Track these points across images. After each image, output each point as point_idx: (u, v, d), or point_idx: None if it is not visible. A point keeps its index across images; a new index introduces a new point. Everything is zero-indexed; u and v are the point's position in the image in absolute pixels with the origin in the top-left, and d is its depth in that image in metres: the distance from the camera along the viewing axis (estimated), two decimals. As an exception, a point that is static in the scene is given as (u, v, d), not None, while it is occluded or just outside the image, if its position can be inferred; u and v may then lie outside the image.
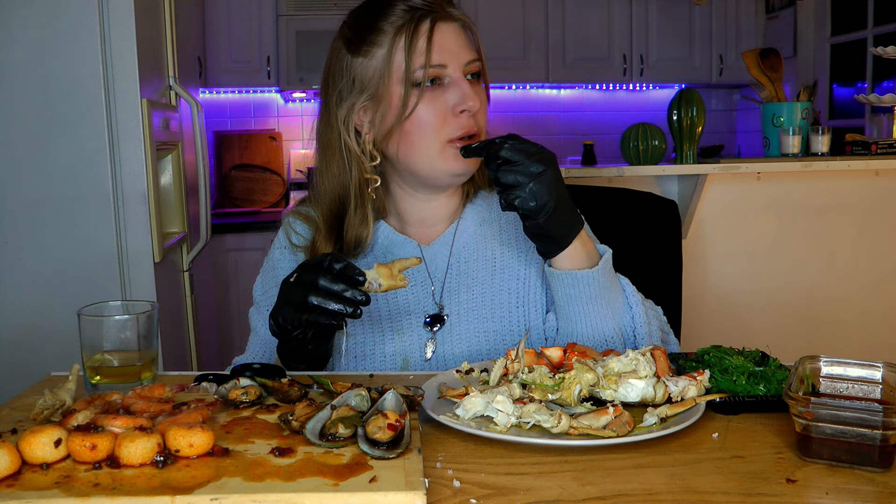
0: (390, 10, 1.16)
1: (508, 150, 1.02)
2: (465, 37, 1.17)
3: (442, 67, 1.14)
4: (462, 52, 1.15)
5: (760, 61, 3.02)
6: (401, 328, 1.21)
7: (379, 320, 1.22)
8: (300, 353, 1.08)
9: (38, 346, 1.97)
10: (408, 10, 1.15)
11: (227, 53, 4.13)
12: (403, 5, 1.15)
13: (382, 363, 1.20)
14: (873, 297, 2.99)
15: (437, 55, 1.13)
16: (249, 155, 4.37)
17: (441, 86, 1.14)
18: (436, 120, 1.14)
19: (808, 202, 2.94)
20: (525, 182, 1.01)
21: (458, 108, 1.14)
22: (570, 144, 4.77)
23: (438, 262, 1.25)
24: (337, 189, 1.22)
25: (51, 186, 1.98)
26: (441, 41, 1.14)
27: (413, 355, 1.20)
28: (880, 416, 0.74)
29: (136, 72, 2.01)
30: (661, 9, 4.57)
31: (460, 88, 1.14)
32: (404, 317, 1.21)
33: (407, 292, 1.22)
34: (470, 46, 1.17)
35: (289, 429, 0.80)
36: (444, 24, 1.15)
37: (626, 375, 0.90)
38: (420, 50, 1.13)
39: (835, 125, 3.66)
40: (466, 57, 1.15)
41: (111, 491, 0.66)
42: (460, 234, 1.26)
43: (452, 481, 0.73)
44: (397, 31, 1.14)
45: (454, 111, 1.14)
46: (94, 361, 0.97)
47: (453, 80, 1.14)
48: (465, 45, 1.16)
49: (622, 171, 2.75)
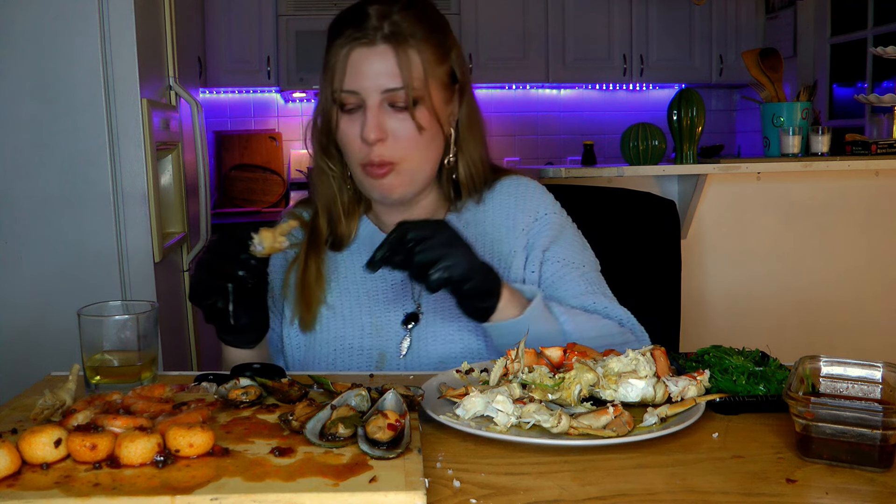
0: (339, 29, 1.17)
1: (414, 231, 1.01)
2: (392, 65, 1.14)
3: (353, 94, 1.15)
4: (381, 80, 1.13)
5: (760, 61, 3.02)
6: (379, 325, 1.23)
7: (359, 315, 1.24)
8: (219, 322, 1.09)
9: (38, 346, 1.97)
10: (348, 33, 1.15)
11: (227, 53, 4.14)
12: (350, 28, 1.15)
13: (359, 358, 1.22)
14: (873, 297, 2.99)
15: (350, 81, 1.14)
16: (249, 155, 4.37)
17: (358, 111, 1.16)
18: (350, 143, 1.17)
19: (808, 202, 2.94)
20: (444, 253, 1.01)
21: (361, 136, 1.15)
22: (570, 144, 4.78)
23: None
24: (318, 189, 1.28)
25: (51, 186, 1.98)
26: (357, 67, 1.14)
27: (389, 351, 1.22)
28: (880, 416, 0.74)
29: (136, 72, 2.01)
30: (661, 9, 4.57)
31: (366, 117, 1.14)
32: (383, 314, 1.24)
33: (387, 291, 1.25)
34: (396, 74, 1.13)
35: (289, 429, 0.80)
36: (367, 49, 1.14)
37: (626, 375, 0.90)
38: (336, 74, 1.15)
39: (835, 125, 3.66)
40: (386, 85, 1.14)
41: (111, 491, 0.66)
42: None
43: (452, 481, 0.73)
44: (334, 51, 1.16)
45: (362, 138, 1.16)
46: (94, 361, 0.97)
47: (367, 108, 1.15)
48: (386, 74, 1.13)
49: (622, 171, 2.75)
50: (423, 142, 1.18)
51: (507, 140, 4.76)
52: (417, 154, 1.18)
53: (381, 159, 1.16)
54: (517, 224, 1.27)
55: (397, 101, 1.15)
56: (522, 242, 1.26)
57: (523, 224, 1.27)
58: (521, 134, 4.79)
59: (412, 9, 1.17)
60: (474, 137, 1.26)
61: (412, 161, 1.18)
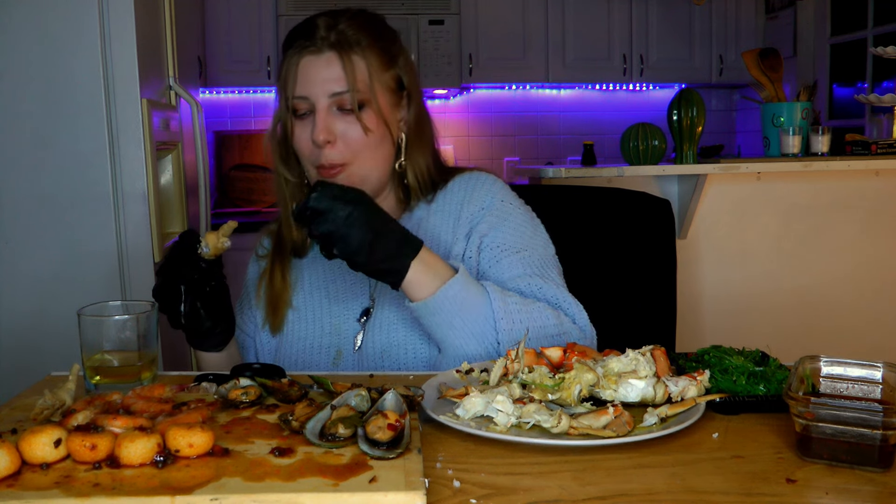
0: (291, 40, 1.23)
1: (314, 201, 1.03)
2: (339, 69, 1.19)
3: (304, 99, 1.20)
4: (327, 85, 1.19)
5: (760, 61, 3.02)
6: (337, 323, 1.28)
7: (321, 316, 1.29)
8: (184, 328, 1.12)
9: (38, 346, 1.97)
10: (298, 44, 1.21)
11: (227, 53, 4.13)
12: (300, 38, 1.22)
13: (319, 356, 1.26)
14: (874, 297, 2.99)
15: (301, 87, 1.20)
16: (249, 155, 4.37)
17: (310, 115, 1.21)
18: (303, 147, 1.23)
19: (808, 202, 2.94)
20: (338, 228, 1.03)
21: (312, 139, 1.21)
22: (570, 144, 4.77)
23: None
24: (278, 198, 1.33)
25: (51, 186, 1.98)
26: (306, 74, 1.20)
27: (346, 347, 1.26)
28: (880, 416, 0.74)
29: (136, 72, 2.01)
30: (661, 9, 4.57)
31: (315, 121, 1.20)
32: (342, 313, 1.28)
33: (346, 289, 1.29)
34: (342, 78, 1.19)
35: (289, 429, 0.80)
36: (314, 56, 1.20)
37: (626, 375, 0.90)
38: (288, 82, 1.21)
39: (835, 125, 3.66)
40: (332, 89, 1.19)
41: (111, 491, 0.66)
42: None
43: (452, 481, 0.73)
44: (286, 60, 1.22)
45: (313, 141, 1.21)
46: (94, 361, 0.97)
47: (316, 111, 1.20)
48: (333, 79, 1.19)
49: (622, 172, 2.75)
50: (371, 144, 1.23)
51: (507, 140, 4.76)
52: (366, 156, 1.23)
53: (331, 161, 1.21)
54: (462, 214, 1.29)
55: (344, 104, 1.20)
56: (465, 230, 1.28)
57: (468, 214, 1.29)
58: (521, 134, 4.79)
59: (357, 19, 1.24)
60: (422, 142, 1.31)
61: (362, 162, 1.23)
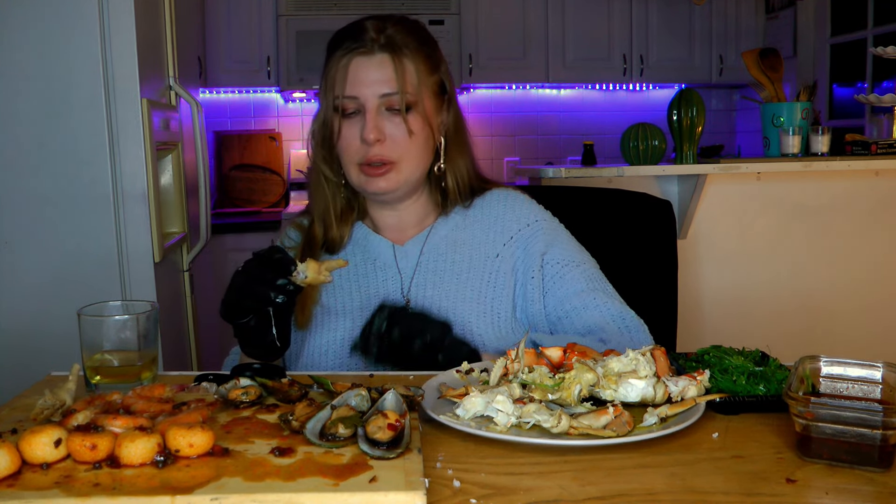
0: (339, 42, 1.28)
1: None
2: (391, 71, 1.24)
3: (354, 99, 1.25)
4: (378, 86, 1.24)
5: (760, 61, 3.02)
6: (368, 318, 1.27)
7: (351, 311, 1.30)
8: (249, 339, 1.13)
9: (38, 346, 1.96)
10: (346, 45, 1.26)
11: (227, 53, 4.13)
12: (348, 40, 1.27)
13: (353, 354, 1.25)
14: (873, 297, 2.99)
15: (350, 87, 1.25)
16: (249, 155, 4.37)
17: (357, 115, 1.26)
18: (350, 145, 1.27)
19: (808, 202, 2.94)
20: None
21: (362, 138, 1.25)
22: (570, 144, 4.77)
23: (409, 258, 1.35)
24: (314, 196, 1.38)
25: (51, 186, 1.97)
26: (357, 75, 1.25)
27: None
28: (880, 416, 0.74)
29: (136, 72, 2.01)
30: (661, 9, 4.57)
31: (365, 120, 1.25)
32: (373, 308, 1.25)
33: (377, 285, 1.33)
34: (392, 80, 1.24)
35: (289, 429, 0.80)
36: (366, 58, 1.25)
37: (626, 375, 0.90)
38: (337, 82, 1.26)
39: (835, 125, 3.66)
40: (382, 90, 1.24)
41: (111, 491, 0.66)
42: (432, 237, 1.36)
43: (452, 481, 0.73)
44: (334, 61, 1.27)
45: (362, 140, 1.25)
46: (94, 361, 0.97)
47: (366, 111, 1.25)
48: (384, 80, 1.24)
49: (622, 172, 2.75)
50: (417, 145, 1.28)
51: (507, 140, 4.75)
52: (411, 156, 1.28)
53: (380, 158, 1.26)
54: (505, 230, 1.35)
55: (393, 105, 1.25)
56: (511, 250, 1.33)
57: (512, 231, 1.35)
58: (521, 134, 4.78)
59: (404, 23, 1.30)
60: (461, 146, 1.36)
61: (406, 163, 1.28)
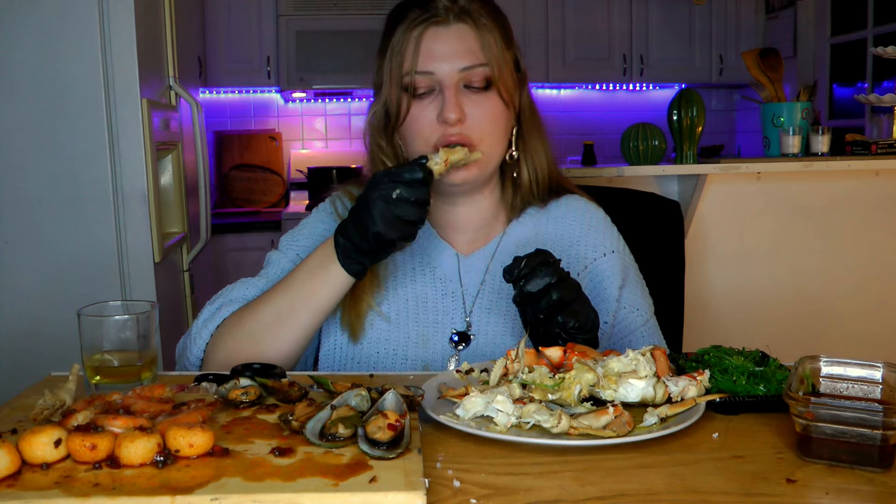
0: (403, 13, 1.15)
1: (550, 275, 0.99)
2: (469, 42, 1.11)
3: (429, 75, 1.12)
4: (456, 59, 1.11)
5: (760, 61, 3.02)
6: (426, 335, 1.19)
7: (406, 322, 1.19)
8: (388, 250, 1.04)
9: (38, 346, 1.96)
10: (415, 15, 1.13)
11: (227, 53, 4.13)
12: (416, 9, 1.13)
13: (403, 366, 1.18)
14: (873, 297, 2.99)
15: (425, 62, 1.11)
16: (249, 155, 4.37)
17: (432, 93, 1.13)
18: (423, 127, 1.13)
19: (808, 202, 2.94)
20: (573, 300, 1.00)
21: (440, 118, 1.12)
22: (570, 144, 4.77)
23: (473, 275, 1.22)
24: None
25: (51, 186, 1.98)
26: (431, 47, 1.11)
27: (434, 364, 1.18)
28: (880, 416, 0.74)
29: (136, 72, 2.01)
30: (661, 9, 4.57)
31: (444, 98, 1.11)
32: (431, 325, 1.19)
33: (437, 300, 1.20)
34: (473, 52, 1.11)
35: (289, 429, 0.80)
36: (442, 28, 1.12)
37: (626, 375, 0.90)
38: (406, 57, 1.12)
39: (835, 125, 3.65)
40: (461, 63, 1.11)
41: (111, 491, 0.66)
42: (501, 251, 1.23)
43: (452, 481, 0.73)
44: (401, 35, 1.13)
45: (439, 120, 1.12)
46: (94, 361, 0.97)
47: (442, 88, 1.12)
48: (464, 52, 1.11)
49: (622, 171, 2.74)
50: (499, 125, 1.15)
51: (507, 140, 4.75)
52: (494, 138, 1.15)
53: (460, 139, 1.11)
54: (581, 256, 1.24)
55: (473, 80, 1.12)
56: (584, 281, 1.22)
57: (588, 260, 1.24)
58: (521, 134, 4.79)
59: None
60: (537, 132, 1.23)
61: (487, 146, 1.14)
